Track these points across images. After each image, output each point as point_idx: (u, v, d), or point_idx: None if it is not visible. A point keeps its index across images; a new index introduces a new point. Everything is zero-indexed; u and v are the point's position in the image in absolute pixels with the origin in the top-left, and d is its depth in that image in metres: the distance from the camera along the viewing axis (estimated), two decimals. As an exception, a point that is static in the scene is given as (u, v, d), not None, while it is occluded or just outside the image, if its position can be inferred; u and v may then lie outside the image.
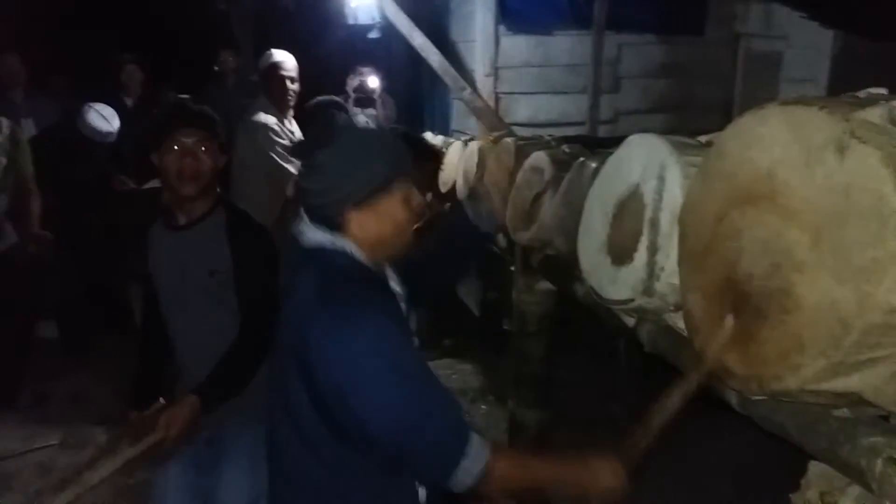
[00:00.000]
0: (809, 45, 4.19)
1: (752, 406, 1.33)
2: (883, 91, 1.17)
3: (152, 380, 2.26)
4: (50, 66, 5.99)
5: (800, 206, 1.12)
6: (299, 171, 1.50)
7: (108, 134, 4.80)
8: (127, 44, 6.22)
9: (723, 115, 4.80)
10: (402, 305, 1.55)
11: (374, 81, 4.68)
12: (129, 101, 5.75)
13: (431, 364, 4.35)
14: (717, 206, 1.31)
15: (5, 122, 3.58)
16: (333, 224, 1.43)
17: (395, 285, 1.56)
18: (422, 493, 1.50)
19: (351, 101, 4.62)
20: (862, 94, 1.20)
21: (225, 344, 2.05)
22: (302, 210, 1.50)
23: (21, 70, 4.82)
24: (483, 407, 3.91)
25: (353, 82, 4.63)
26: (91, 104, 4.78)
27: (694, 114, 4.87)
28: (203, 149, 2.10)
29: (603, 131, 4.62)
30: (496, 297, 3.92)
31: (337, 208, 1.41)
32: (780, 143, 1.17)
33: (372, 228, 1.43)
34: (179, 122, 2.10)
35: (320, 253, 1.43)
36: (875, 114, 1.07)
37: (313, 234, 1.45)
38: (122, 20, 7.64)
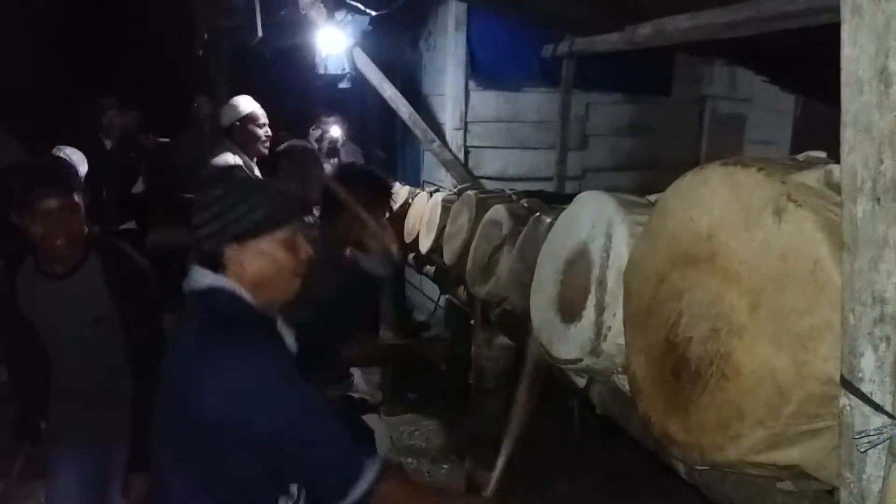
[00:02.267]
0: (772, 107, 4.28)
1: (699, 475, 1.28)
2: (822, 154, 1.16)
3: (39, 410, 2.34)
4: (20, 108, 5.94)
5: (739, 268, 1.09)
6: (191, 213, 1.51)
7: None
8: (104, 87, 6.21)
9: (689, 174, 4.85)
10: (290, 348, 1.56)
11: (336, 131, 4.68)
12: (108, 144, 5.71)
13: (394, 420, 4.27)
14: (660, 267, 1.28)
15: None
16: (215, 262, 1.43)
17: (283, 331, 1.57)
18: None
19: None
20: (801, 156, 1.18)
21: (111, 381, 2.20)
22: (192, 255, 1.48)
23: None
24: (444, 466, 3.81)
25: (315, 133, 4.63)
26: (61, 147, 4.72)
27: (661, 172, 4.91)
28: (68, 211, 2.07)
29: (570, 187, 4.64)
30: (461, 350, 3.86)
31: (216, 242, 1.42)
32: (720, 204, 1.15)
33: (252, 268, 1.43)
34: (41, 188, 2.04)
35: (206, 294, 1.43)
36: (812, 177, 1.05)
37: (200, 276, 1.45)
38: (100, 65, 7.66)
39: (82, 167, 4.66)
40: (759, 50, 3.42)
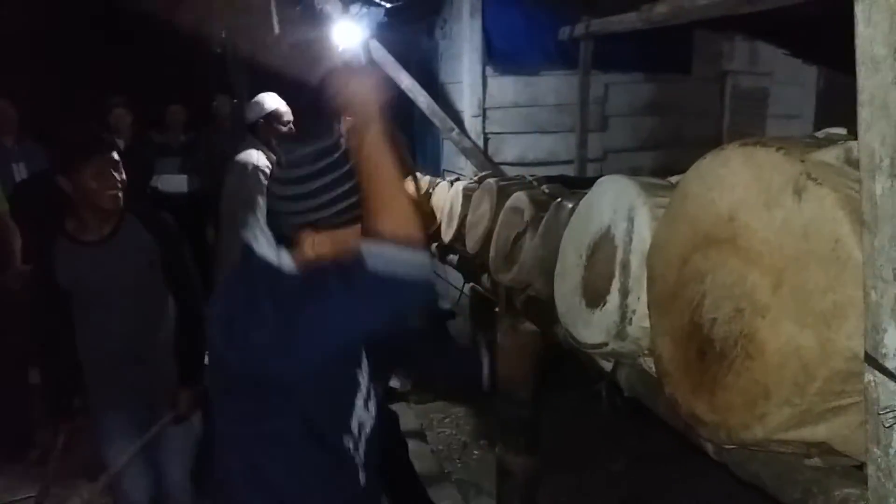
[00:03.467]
0: (795, 81, 4.22)
1: (727, 454, 1.29)
2: (842, 131, 1.15)
3: (73, 385, 2.48)
4: (43, 112, 6.04)
5: (761, 248, 1.10)
6: (272, 174, 1.44)
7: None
8: (122, 87, 6.29)
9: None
10: None
11: None
12: (120, 144, 5.79)
13: (424, 408, 4.30)
14: (682, 249, 1.28)
15: None
16: (285, 237, 1.38)
17: None
18: (362, 476, 1.50)
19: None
20: (820, 134, 1.18)
21: (152, 331, 2.45)
22: (259, 214, 1.47)
23: (12, 115, 4.83)
24: (475, 452, 3.84)
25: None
26: None
27: (683, 150, 4.88)
28: (115, 165, 2.32)
29: (591, 169, 4.62)
30: (488, 338, 3.89)
31: (296, 223, 1.36)
32: (741, 184, 1.15)
33: (324, 254, 1.37)
34: (90, 145, 2.29)
35: (258, 263, 1.38)
36: (831, 154, 1.05)
37: (258, 238, 1.40)
38: (117, 63, 7.74)
39: None
40: (780, 23, 3.38)
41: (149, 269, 2.43)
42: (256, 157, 3.65)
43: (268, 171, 3.67)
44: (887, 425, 0.83)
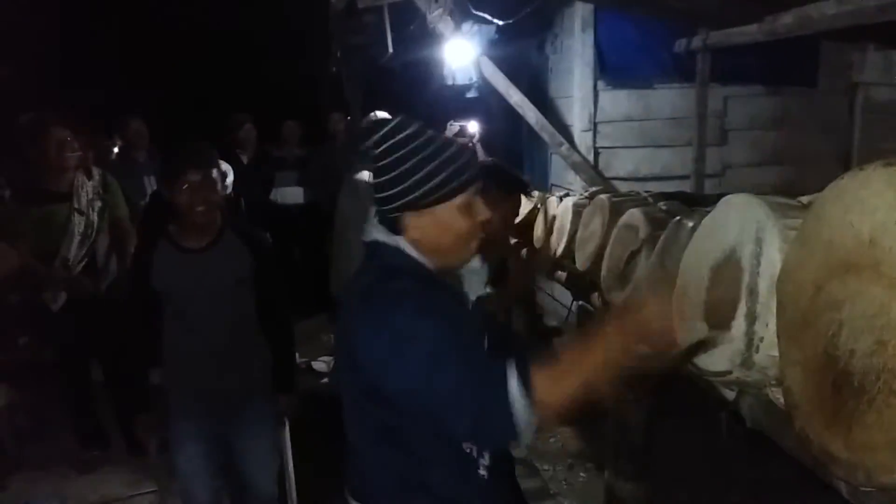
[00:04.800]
0: (936, 92, 3.91)
1: (864, 495, 1.20)
2: None
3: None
4: (174, 129, 6.48)
5: (908, 277, 1.02)
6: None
7: (223, 187, 5.08)
8: (244, 104, 6.65)
9: (841, 169, 4.51)
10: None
11: (472, 126, 4.74)
12: (244, 158, 6.13)
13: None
14: (816, 275, 1.22)
15: (96, 169, 3.88)
16: (392, 225, 1.44)
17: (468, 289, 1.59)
18: (482, 469, 1.49)
19: None
20: (978, 154, 1.09)
21: (240, 341, 2.53)
22: (372, 209, 1.52)
23: (145, 132, 5.22)
24: (582, 475, 3.75)
25: (452, 128, 4.69)
26: None
27: (808, 167, 4.62)
28: (207, 183, 2.41)
29: (709, 185, 4.46)
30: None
31: (395, 210, 1.42)
32: (884, 207, 1.08)
33: (430, 234, 1.43)
34: (186, 163, 2.39)
35: (376, 248, 1.47)
36: None
37: (375, 232, 1.48)
38: (240, 82, 8.19)
39: (229, 176, 5.03)
40: (920, 31, 3.14)
41: (241, 283, 2.53)
42: (369, 176, 3.78)
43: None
44: None
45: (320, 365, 5.28)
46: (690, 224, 2.01)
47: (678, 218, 2.14)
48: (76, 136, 3.68)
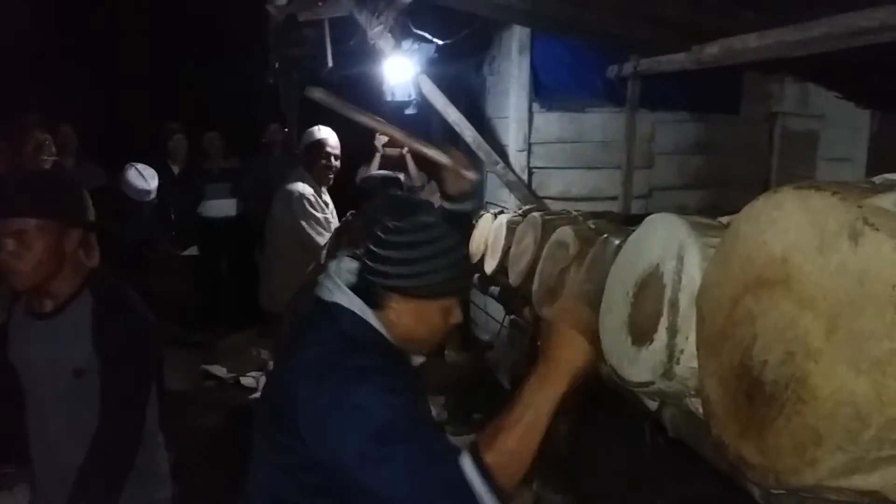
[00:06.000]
0: (846, 124, 4.16)
1: (775, 499, 1.27)
2: (899, 177, 1.15)
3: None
4: (101, 137, 6.29)
5: (814, 292, 1.09)
6: (371, 236, 1.48)
7: (146, 192, 4.97)
8: (177, 115, 6.52)
9: (760, 192, 4.68)
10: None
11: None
12: (175, 169, 6.00)
13: (460, 440, 4.29)
14: (733, 290, 1.28)
15: None
16: (371, 298, 1.43)
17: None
18: None
19: (378, 158, 4.66)
20: (877, 179, 1.18)
21: (83, 448, 1.79)
22: (338, 269, 1.49)
23: (73, 139, 5.06)
24: (511, 487, 3.80)
25: (382, 138, 4.70)
26: (133, 163, 4.98)
27: (730, 190, 4.84)
28: (18, 242, 1.71)
29: (637, 206, 4.61)
30: (526, 370, 3.87)
31: (386, 287, 1.41)
32: (795, 227, 1.15)
33: (407, 321, 1.44)
34: None
35: (336, 311, 1.43)
36: (889, 200, 1.05)
37: (337, 293, 1.45)
38: (171, 92, 8.02)
39: (153, 182, 4.91)
40: (832, 65, 3.35)
41: (78, 374, 1.81)
42: (302, 187, 3.78)
43: (313, 199, 3.78)
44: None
45: (249, 380, 5.18)
46: (617, 242, 2.08)
47: (605, 236, 2.21)
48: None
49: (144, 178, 5.08)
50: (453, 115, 4.50)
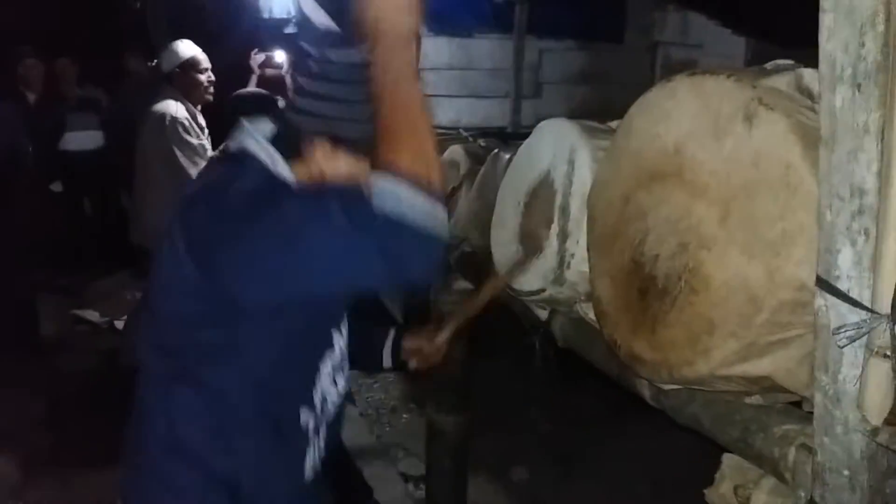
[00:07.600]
0: (723, 52, 4.28)
1: (665, 398, 1.27)
2: (790, 62, 1.13)
3: None
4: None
5: (708, 180, 1.06)
6: (302, 66, 1.17)
7: None
8: (40, 42, 5.88)
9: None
10: None
11: (280, 56, 4.27)
12: (31, 97, 5.44)
13: (351, 372, 4.24)
14: (625, 187, 1.24)
15: None
16: (292, 142, 1.13)
17: None
18: (310, 466, 1.24)
19: (254, 79, 4.27)
20: (769, 65, 1.15)
21: None
22: (257, 125, 1.21)
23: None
24: (404, 416, 3.79)
25: (258, 58, 4.22)
26: None
27: (615, 120, 4.91)
28: None
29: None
30: (420, 300, 3.82)
31: (317, 129, 1.12)
32: (689, 115, 1.11)
33: (330, 174, 1.10)
34: None
35: (243, 158, 1.13)
36: (782, 81, 1.02)
37: (248, 140, 1.14)
38: (34, 20, 7.26)
39: None
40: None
41: None
42: (175, 108, 3.43)
43: (187, 123, 3.46)
44: (841, 345, 0.80)
45: (123, 324, 4.87)
46: (507, 156, 2.02)
47: (496, 151, 2.15)
48: None
49: None
50: (336, 38, 4.26)
